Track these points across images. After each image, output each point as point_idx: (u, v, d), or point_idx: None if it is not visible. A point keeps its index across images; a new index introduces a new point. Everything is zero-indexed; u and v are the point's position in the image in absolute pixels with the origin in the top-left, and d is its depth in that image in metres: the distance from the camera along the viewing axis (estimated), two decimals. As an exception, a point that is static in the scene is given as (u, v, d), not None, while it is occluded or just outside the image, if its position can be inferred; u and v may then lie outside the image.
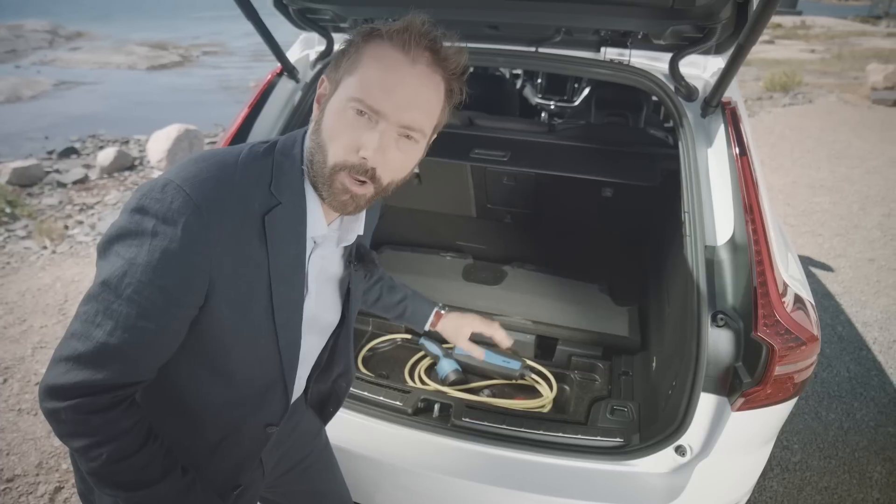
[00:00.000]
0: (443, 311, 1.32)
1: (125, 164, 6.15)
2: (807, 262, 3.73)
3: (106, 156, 6.07)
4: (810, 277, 3.56)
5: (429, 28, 0.75)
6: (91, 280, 0.74)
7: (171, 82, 12.84)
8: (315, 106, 0.82)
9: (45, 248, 4.19)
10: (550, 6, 1.31)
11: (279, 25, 1.62)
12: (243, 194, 0.76)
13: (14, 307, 3.18)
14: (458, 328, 1.31)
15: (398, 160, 0.78)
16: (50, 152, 6.86)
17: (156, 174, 5.95)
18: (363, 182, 0.77)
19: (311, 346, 0.97)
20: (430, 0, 1.39)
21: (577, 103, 3.42)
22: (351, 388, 1.51)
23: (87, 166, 6.28)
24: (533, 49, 1.56)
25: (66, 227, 4.64)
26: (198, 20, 27.56)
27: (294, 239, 0.81)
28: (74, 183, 5.73)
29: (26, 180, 5.62)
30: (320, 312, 0.94)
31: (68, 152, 6.83)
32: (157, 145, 5.98)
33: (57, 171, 6.13)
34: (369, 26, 0.77)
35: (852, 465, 2.29)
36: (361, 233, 0.92)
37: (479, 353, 1.35)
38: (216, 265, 0.74)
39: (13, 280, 3.54)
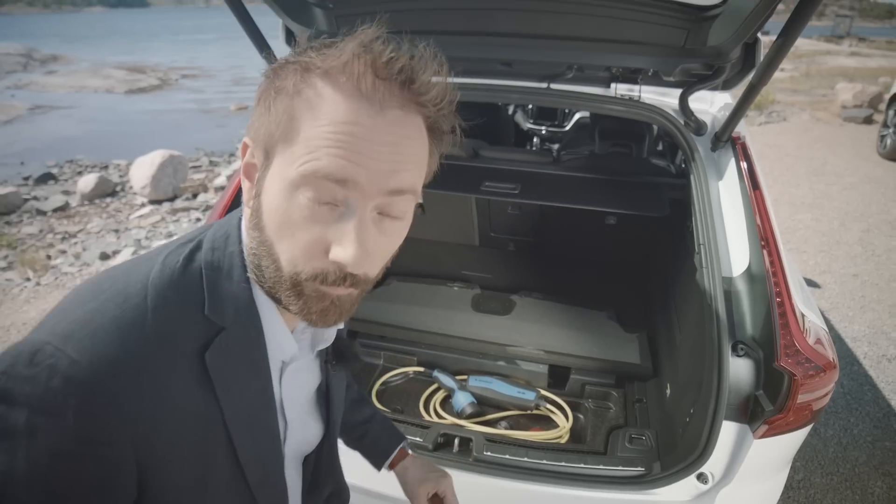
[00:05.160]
0: (409, 451, 1.05)
1: (106, 191, 6.06)
2: (794, 279, 3.83)
3: (86, 182, 5.98)
4: (799, 294, 3.66)
5: (392, 51, 0.50)
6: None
7: (150, 106, 12.76)
8: (244, 182, 0.57)
9: (28, 279, 4.08)
10: (566, 44, 1.35)
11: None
12: (164, 333, 0.52)
13: None
14: (419, 482, 1.01)
15: (385, 246, 0.56)
16: (26, 178, 6.74)
17: (139, 200, 5.87)
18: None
19: (294, 480, 0.77)
20: (445, 39, 1.43)
21: (567, 128, 3.50)
22: None
23: (67, 193, 6.17)
24: (545, 85, 1.60)
25: (49, 258, 4.53)
26: (175, 43, 27.49)
27: (253, 370, 0.60)
28: (55, 210, 5.62)
29: (3, 208, 5.50)
30: (304, 439, 0.75)
31: (46, 178, 6.71)
32: (141, 171, 5.90)
33: (35, 198, 6.01)
34: (301, 59, 0.51)
35: (853, 482, 2.33)
36: (342, 326, 0.67)
37: None
38: (143, 445, 0.51)
39: (-3, 314, 3.44)
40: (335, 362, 0.74)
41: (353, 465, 1.00)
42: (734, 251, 1.36)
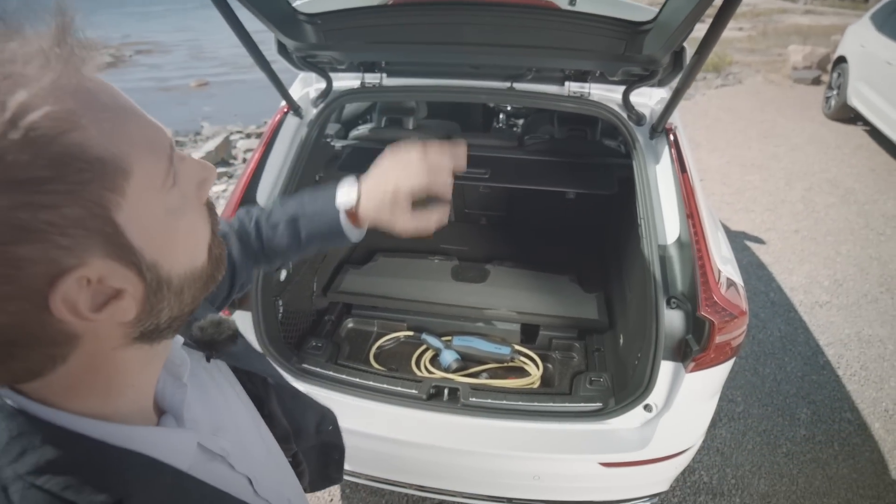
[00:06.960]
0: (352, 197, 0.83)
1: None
2: (742, 237, 4.19)
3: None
4: (745, 251, 4.03)
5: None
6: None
7: (107, 85, 12.34)
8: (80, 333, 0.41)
9: None
10: (526, 51, 1.59)
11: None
12: None
13: None
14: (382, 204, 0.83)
15: None
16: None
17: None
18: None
19: (285, 475, 0.72)
20: (422, 48, 1.65)
21: None
22: (371, 382, 1.77)
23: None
24: (508, 84, 1.83)
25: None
26: (125, 16, 26.25)
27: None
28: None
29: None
30: (257, 443, 0.67)
31: None
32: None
33: None
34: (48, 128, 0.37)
35: (784, 410, 2.73)
36: (180, 342, 0.60)
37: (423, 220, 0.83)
38: None
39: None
40: (213, 356, 0.64)
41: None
42: (668, 223, 1.65)
